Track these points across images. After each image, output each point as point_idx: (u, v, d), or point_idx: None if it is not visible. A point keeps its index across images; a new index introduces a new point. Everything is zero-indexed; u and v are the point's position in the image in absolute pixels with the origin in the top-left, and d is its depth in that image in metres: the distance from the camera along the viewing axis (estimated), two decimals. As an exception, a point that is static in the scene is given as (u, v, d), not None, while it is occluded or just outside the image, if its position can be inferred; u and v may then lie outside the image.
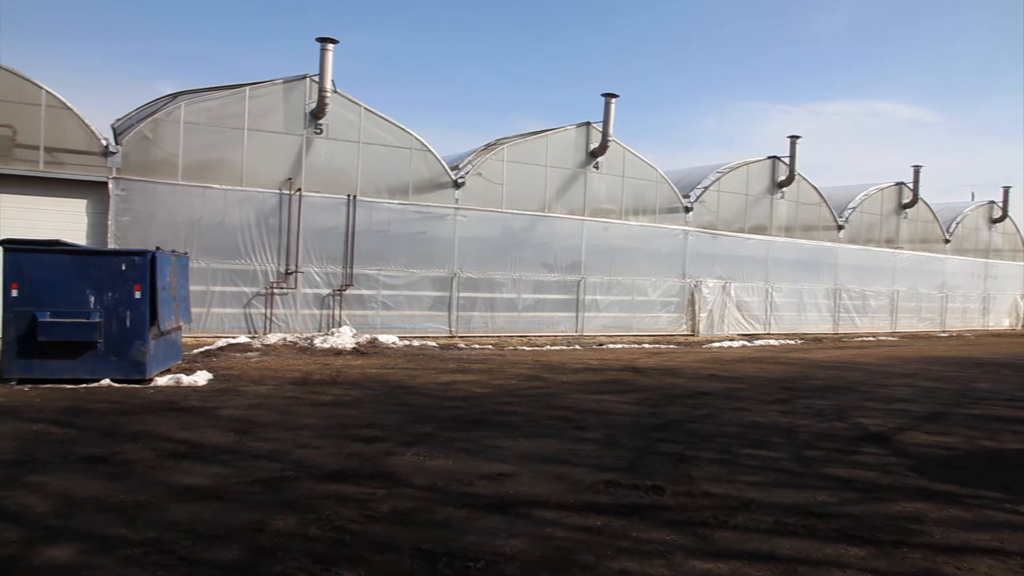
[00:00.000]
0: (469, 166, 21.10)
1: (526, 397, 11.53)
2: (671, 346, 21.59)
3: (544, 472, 7.00)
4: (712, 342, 23.06)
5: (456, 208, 20.59)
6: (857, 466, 7.68)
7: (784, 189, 27.18)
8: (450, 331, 20.50)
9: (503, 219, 21.36)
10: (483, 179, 21.01)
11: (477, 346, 19.12)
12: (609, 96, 22.28)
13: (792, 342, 24.87)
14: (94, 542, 4.92)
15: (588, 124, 22.63)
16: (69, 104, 16.40)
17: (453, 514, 5.69)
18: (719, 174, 25.91)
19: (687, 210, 24.73)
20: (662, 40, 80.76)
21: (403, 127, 19.78)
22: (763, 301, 26.95)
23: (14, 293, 10.77)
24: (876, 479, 7.15)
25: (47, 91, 16.19)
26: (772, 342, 24.32)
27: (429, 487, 6.38)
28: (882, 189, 31.00)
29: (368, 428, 8.73)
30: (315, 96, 18.42)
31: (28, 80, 16.06)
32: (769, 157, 26.98)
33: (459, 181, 20.57)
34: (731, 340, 23.76)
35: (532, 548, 5.01)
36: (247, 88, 18.12)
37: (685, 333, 24.74)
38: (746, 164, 26.57)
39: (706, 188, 25.37)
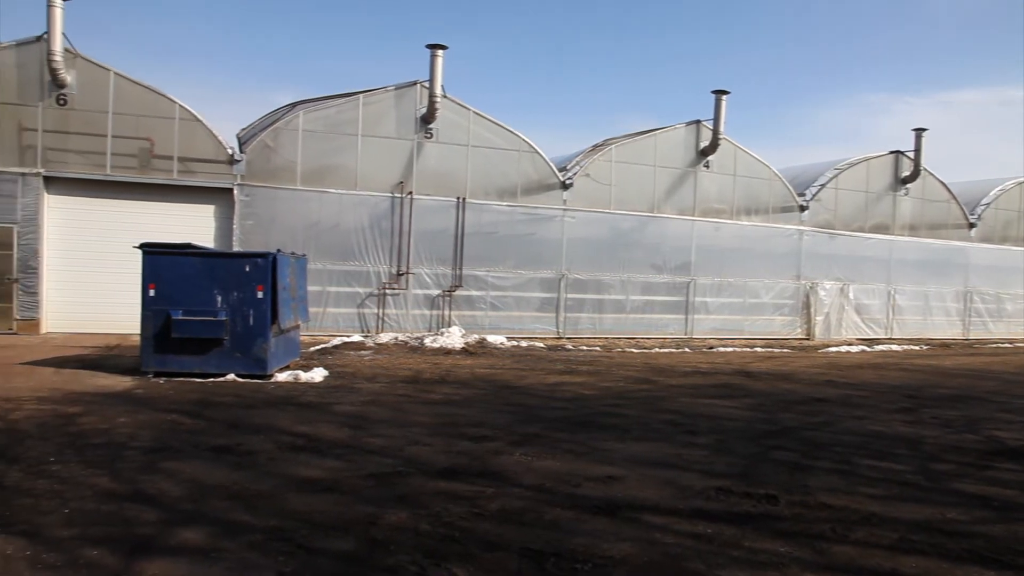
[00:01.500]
0: (577, 167, 21.08)
1: (634, 400, 11.40)
2: (785, 350, 20.84)
3: (653, 476, 6.91)
4: (829, 346, 22.11)
5: (564, 209, 20.60)
6: (992, 482, 7.17)
7: (908, 185, 25.73)
8: (557, 332, 20.52)
9: (611, 220, 21.21)
10: (591, 180, 20.93)
11: (584, 347, 19.06)
12: (720, 93, 21.75)
13: (916, 347, 23.51)
14: (221, 527, 5.22)
15: (698, 122, 22.16)
16: (199, 116, 17.47)
17: (561, 515, 5.69)
18: (837, 171, 24.81)
19: (802, 209, 23.81)
20: (773, 33, 78.04)
21: (511, 129, 19.97)
22: (884, 304, 25.61)
23: (151, 293, 11.56)
24: (1015, 497, 6.66)
25: (180, 105, 17.30)
26: (894, 347, 23.08)
27: (537, 487, 6.41)
28: (1021, 183, 28.81)
29: (477, 427, 8.86)
30: (425, 101, 18.86)
31: (163, 95, 17.22)
32: (892, 152, 25.62)
33: (567, 182, 20.57)
34: (849, 345, 22.69)
35: (640, 553, 4.95)
36: (360, 96, 18.76)
37: (800, 337, 23.83)
38: (866, 160, 25.32)
39: (823, 186, 24.34)
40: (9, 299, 16.52)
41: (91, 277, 16.87)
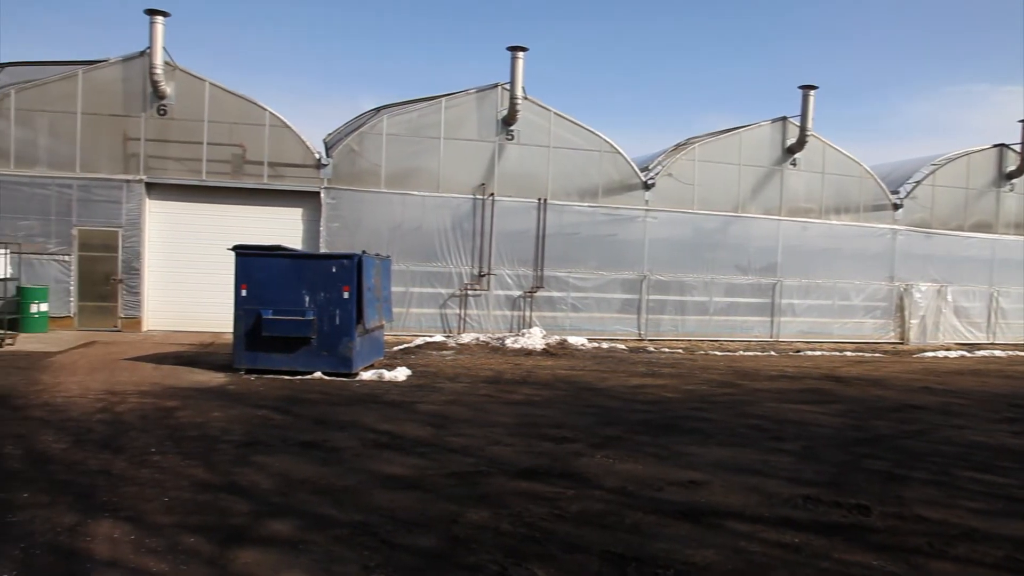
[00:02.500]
0: (659, 167, 20.82)
1: (718, 404, 11.18)
2: (876, 355, 20.05)
3: (737, 482, 6.76)
4: (924, 351, 21.13)
5: (646, 210, 20.37)
6: (1107, 497, 6.71)
7: (1014, 181, 24.31)
8: (639, 334, 20.31)
9: (694, 220, 20.86)
10: (673, 180, 20.64)
11: (667, 350, 18.81)
12: (807, 88, 21.08)
13: (1023, 353, 22.22)
14: (309, 520, 5.38)
15: (784, 119, 21.55)
16: (288, 123, 18.08)
17: (642, 519, 5.63)
18: (934, 167, 23.68)
19: (896, 207, 22.84)
20: (863, 22, 75.11)
21: (592, 130, 19.88)
22: (986, 307, 24.28)
23: (243, 293, 12.03)
24: None
25: (270, 112, 17.94)
26: (997, 353, 21.88)
27: (618, 490, 6.36)
28: None
29: (558, 428, 8.85)
30: (506, 103, 18.97)
31: (255, 103, 17.90)
32: (995, 145, 24.27)
33: (649, 182, 20.35)
34: (947, 350, 21.63)
35: (724, 561, 4.85)
36: (443, 99, 19.03)
37: (893, 341, 22.86)
38: (967, 154, 24.06)
39: (918, 183, 23.27)
40: (114, 298, 17.47)
41: (187, 277, 17.67)
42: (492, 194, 19.16)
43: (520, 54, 18.61)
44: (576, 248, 19.87)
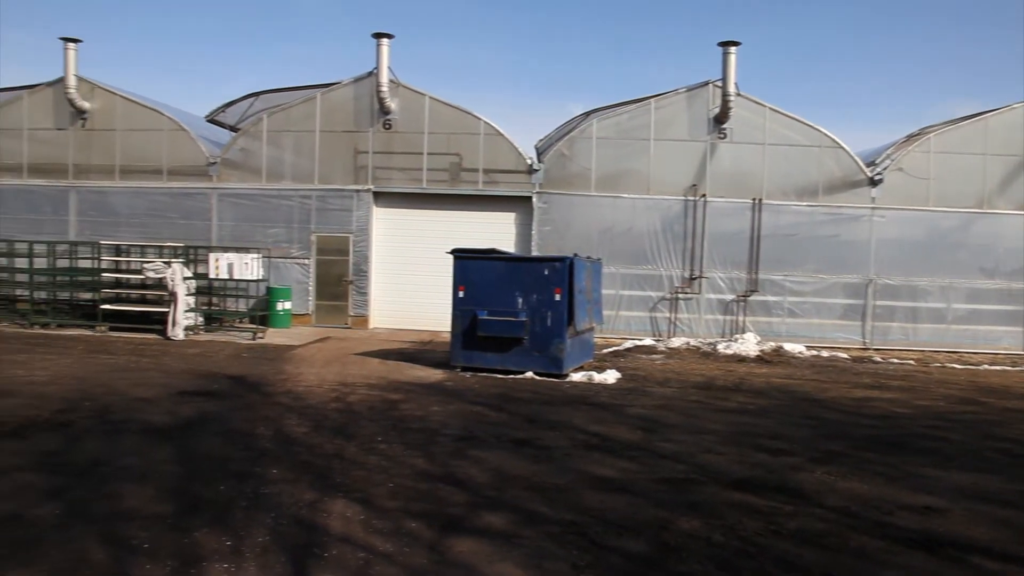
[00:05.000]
0: (887, 161, 19.20)
1: (958, 422, 10.09)
2: None
3: (982, 512, 6.06)
4: None
5: (872, 208, 18.87)
6: None
7: None
8: (863, 342, 18.85)
9: (929, 218, 18.99)
10: (904, 174, 18.93)
11: (895, 360, 17.28)
12: (1074, 67, 18.47)
13: None
14: (521, 515, 5.54)
15: (1044, 103, 19.04)
16: (501, 131, 18.80)
17: (868, 543, 5.22)
18: None
19: None
20: None
21: (811, 124, 18.75)
22: None
23: (460, 294, 12.66)
24: None
25: (485, 121, 18.76)
26: None
27: (841, 510, 5.94)
28: None
29: (773, 439, 8.44)
30: (718, 101, 18.41)
31: (470, 114, 18.81)
32: None
33: (875, 178, 18.83)
34: None
35: (969, 595, 4.37)
36: (652, 100, 18.84)
37: None
38: None
39: None
40: (345, 298, 19.11)
41: (409, 279, 18.95)
42: (704, 195, 18.67)
43: (732, 49, 17.98)
44: (793, 250, 18.83)
